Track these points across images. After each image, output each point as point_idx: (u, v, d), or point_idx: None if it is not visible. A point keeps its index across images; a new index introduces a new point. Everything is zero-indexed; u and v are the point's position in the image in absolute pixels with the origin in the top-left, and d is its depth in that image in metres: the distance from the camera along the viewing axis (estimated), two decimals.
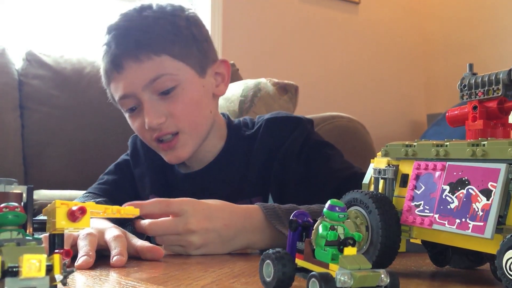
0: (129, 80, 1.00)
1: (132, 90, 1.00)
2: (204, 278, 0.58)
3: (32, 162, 1.63)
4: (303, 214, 0.52)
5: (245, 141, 1.08)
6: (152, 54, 0.99)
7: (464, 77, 0.60)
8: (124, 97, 1.01)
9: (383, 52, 3.14)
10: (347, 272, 0.41)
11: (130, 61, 0.99)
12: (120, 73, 1.00)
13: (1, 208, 0.38)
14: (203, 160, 1.08)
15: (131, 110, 1.03)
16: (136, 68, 0.99)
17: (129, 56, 0.99)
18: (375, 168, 0.62)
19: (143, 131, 1.03)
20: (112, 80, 1.03)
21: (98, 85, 1.76)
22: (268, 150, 1.06)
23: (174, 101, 1.00)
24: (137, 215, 0.49)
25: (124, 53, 0.99)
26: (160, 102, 1.00)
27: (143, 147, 1.13)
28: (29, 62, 1.70)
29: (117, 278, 0.58)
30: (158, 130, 1.00)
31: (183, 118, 1.01)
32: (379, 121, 2.95)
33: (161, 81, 0.99)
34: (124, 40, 1.00)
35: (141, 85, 0.99)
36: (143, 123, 1.00)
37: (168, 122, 1.00)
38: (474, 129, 0.58)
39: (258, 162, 1.05)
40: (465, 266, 0.67)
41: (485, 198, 0.49)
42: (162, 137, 1.01)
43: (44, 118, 1.65)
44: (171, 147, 1.02)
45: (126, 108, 1.03)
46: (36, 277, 0.34)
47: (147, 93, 0.99)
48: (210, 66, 1.07)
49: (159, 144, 1.02)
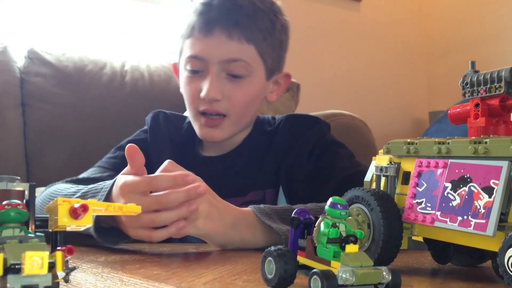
0: (211, 47, 1.02)
1: (208, 57, 1.02)
2: (206, 275, 0.58)
3: (34, 159, 1.64)
4: (304, 212, 0.52)
5: (265, 136, 1.12)
6: (244, 38, 1.03)
7: (466, 75, 0.60)
8: (196, 58, 1.03)
9: (385, 50, 3.13)
10: (349, 269, 0.41)
11: (222, 33, 1.02)
12: (207, 37, 1.02)
13: (4, 206, 0.38)
14: (225, 148, 1.11)
15: (193, 72, 1.05)
16: (224, 42, 1.02)
17: (224, 29, 1.02)
18: (377, 166, 0.62)
19: (194, 98, 1.05)
20: (193, 37, 1.04)
21: (100, 83, 1.76)
22: (285, 145, 1.09)
23: (237, 87, 1.03)
24: (139, 212, 0.49)
25: (221, 23, 1.02)
26: (225, 81, 1.03)
27: (166, 124, 1.15)
28: (31, 60, 1.70)
29: (119, 275, 0.58)
30: (209, 105, 1.02)
31: (237, 106, 1.04)
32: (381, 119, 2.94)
33: (237, 65, 1.02)
34: (227, 12, 1.03)
35: (219, 58, 1.02)
36: (198, 90, 1.03)
37: (223, 102, 1.03)
38: (476, 127, 0.58)
39: (274, 156, 1.09)
40: (467, 263, 0.67)
41: (487, 196, 0.49)
42: (209, 112, 1.03)
43: (46, 115, 1.65)
44: (212, 124, 1.04)
45: (190, 67, 1.05)
46: (39, 274, 0.34)
47: (219, 67, 1.02)
48: (276, 74, 1.12)
49: (202, 116, 1.04)
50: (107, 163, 1.11)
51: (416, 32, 3.31)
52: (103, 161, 1.12)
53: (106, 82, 1.73)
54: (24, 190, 0.42)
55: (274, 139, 1.11)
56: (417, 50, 3.31)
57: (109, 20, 2.26)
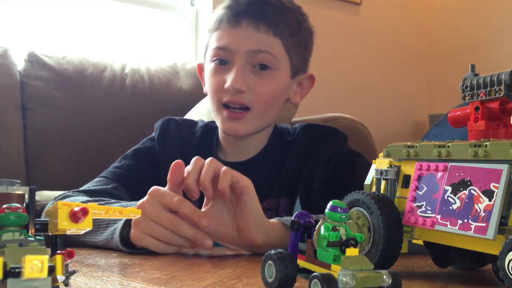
0: (238, 38, 1.03)
1: (235, 48, 1.03)
2: (206, 279, 0.58)
3: (34, 163, 1.64)
4: (305, 215, 0.52)
5: (284, 146, 1.12)
6: (271, 31, 1.04)
7: (466, 78, 0.60)
8: (223, 49, 1.04)
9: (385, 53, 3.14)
10: (349, 273, 0.41)
11: (249, 24, 1.03)
12: (234, 28, 1.03)
13: (3, 209, 0.38)
14: (243, 154, 1.11)
15: (220, 62, 1.05)
16: (251, 34, 1.03)
17: (251, 21, 1.03)
18: (377, 169, 0.62)
19: (218, 89, 1.04)
20: (220, 29, 1.05)
21: (100, 86, 1.76)
22: (302, 155, 1.09)
23: (262, 80, 1.04)
24: (139, 215, 0.49)
25: (249, 15, 1.03)
26: (250, 74, 1.03)
27: (178, 129, 1.15)
28: (31, 63, 1.70)
29: (119, 279, 0.58)
30: (233, 96, 1.02)
31: (261, 99, 1.04)
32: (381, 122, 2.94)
33: (264, 56, 1.03)
34: (255, 6, 1.05)
35: (245, 49, 1.02)
36: (223, 81, 1.03)
37: (246, 94, 1.02)
38: (476, 130, 0.58)
39: (291, 166, 1.09)
40: (467, 267, 0.67)
41: (487, 199, 0.49)
42: (232, 104, 1.03)
43: (46, 119, 1.66)
44: (235, 117, 1.04)
45: (216, 57, 1.05)
46: (38, 278, 0.34)
47: (245, 59, 1.03)
48: (301, 75, 1.12)
49: (225, 109, 1.04)
50: (112, 173, 1.10)
51: (416, 35, 3.31)
52: (108, 171, 1.11)
53: (106, 85, 1.73)
54: (24, 194, 0.42)
55: (292, 148, 1.10)
56: (417, 53, 3.32)
57: (109, 23, 2.26)
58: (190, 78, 1.87)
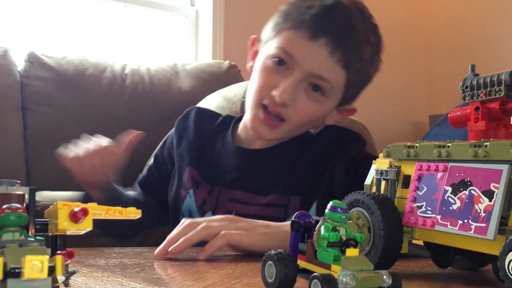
0: (309, 54, 0.98)
1: (301, 62, 0.98)
2: (206, 279, 0.58)
3: (34, 163, 1.64)
4: (305, 215, 0.52)
5: (302, 141, 1.09)
6: (342, 63, 0.98)
7: (466, 78, 0.60)
8: (289, 55, 0.99)
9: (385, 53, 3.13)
10: (349, 273, 0.41)
11: (327, 45, 0.97)
12: (309, 41, 0.97)
13: (4, 209, 0.38)
14: (260, 143, 1.09)
15: (279, 62, 1.00)
16: (323, 57, 0.97)
17: (330, 42, 0.97)
18: (377, 169, 0.62)
19: (264, 89, 1.01)
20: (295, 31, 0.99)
21: (100, 86, 1.76)
22: (319, 156, 1.06)
23: (310, 102, 1.00)
24: (139, 216, 0.49)
25: (330, 36, 0.97)
26: (301, 90, 0.99)
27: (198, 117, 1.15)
28: (31, 63, 1.70)
29: (119, 279, 0.58)
30: (276, 105, 0.99)
31: (300, 117, 1.01)
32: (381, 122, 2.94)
33: (323, 83, 0.99)
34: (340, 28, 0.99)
35: (310, 69, 0.98)
36: (273, 84, 0.99)
37: (289, 108, 1.00)
38: (476, 130, 0.58)
39: (307, 164, 1.06)
40: (467, 267, 0.67)
41: (487, 199, 0.49)
42: (271, 110, 1.00)
43: (46, 119, 1.66)
44: (268, 123, 1.01)
45: (278, 56, 1.00)
46: (38, 278, 0.34)
47: (304, 76, 0.98)
48: (346, 105, 1.09)
49: (262, 110, 1.01)
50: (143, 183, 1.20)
51: (416, 36, 3.31)
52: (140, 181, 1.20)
53: (107, 86, 1.73)
54: (24, 194, 0.42)
55: (310, 146, 1.08)
56: (417, 54, 3.32)
57: (110, 24, 2.26)
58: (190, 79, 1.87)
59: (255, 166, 1.07)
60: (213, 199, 1.05)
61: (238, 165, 1.07)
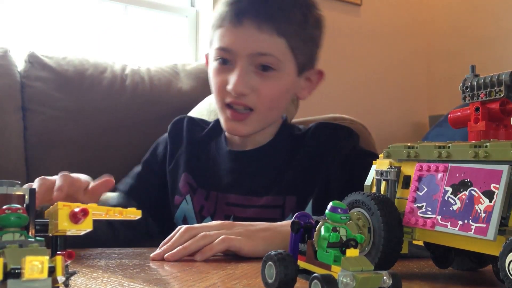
0: (240, 39, 1.00)
1: (237, 50, 1.00)
2: (206, 280, 0.58)
3: (34, 163, 1.63)
4: (305, 216, 0.52)
5: (293, 140, 1.10)
6: (275, 32, 1.00)
7: (466, 79, 0.60)
8: (225, 50, 1.02)
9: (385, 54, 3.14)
10: (350, 273, 0.41)
11: (252, 25, 0.99)
12: (237, 28, 1.00)
13: (4, 210, 0.38)
14: (252, 144, 1.09)
15: (223, 61, 1.03)
16: (253, 34, 0.99)
17: (254, 22, 0.99)
18: (377, 170, 0.62)
19: (221, 90, 1.03)
20: (222, 27, 1.02)
21: (100, 87, 1.76)
22: (312, 154, 1.06)
23: (265, 81, 1.01)
24: (139, 216, 0.49)
25: (251, 14, 1.00)
26: (252, 75, 1.01)
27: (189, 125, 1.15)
28: (31, 64, 1.70)
29: (119, 280, 0.58)
30: (236, 98, 1.01)
31: (265, 100, 1.02)
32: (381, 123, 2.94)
33: (266, 59, 1.00)
34: (258, 3, 1.01)
35: (248, 51, 1.00)
36: (225, 82, 1.01)
37: (250, 96, 1.01)
38: (476, 131, 0.58)
39: (300, 162, 1.06)
40: (467, 267, 0.67)
41: (487, 200, 0.49)
42: (235, 105, 1.01)
43: (46, 119, 1.65)
44: (238, 118, 1.03)
45: (219, 57, 1.03)
46: (39, 279, 0.34)
47: (248, 60, 1.00)
48: (308, 70, 1.09)
49: (228, 109, 1.03)
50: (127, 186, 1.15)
51: (416, 36, 3.31)
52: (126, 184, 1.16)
53: (107, 86, 1.73)
54: (24, 195, 0.42)
55: (302, 144, 1.08)
56: (417, 54, 3.32)
57: (110, 24, 2.26)
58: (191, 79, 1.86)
59: (248, 167, 1.08)
60: (210, 204, 1.05)
61: (232, 168, 1.08)
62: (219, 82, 1.03)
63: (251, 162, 1.08)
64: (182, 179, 1.10)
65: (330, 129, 1.11)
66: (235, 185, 1.06)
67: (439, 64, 3.28)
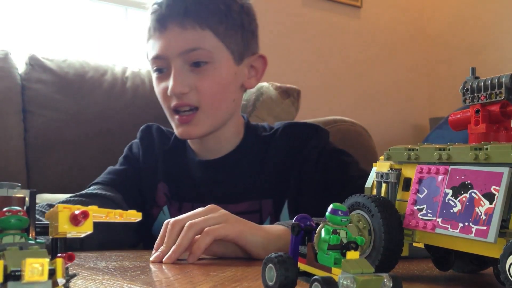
0: (167, 42, 1.01)
1: (167, 54, 1.01)
2: (206, 282, 0.58)
3: (35, 166, 1.64)
4: (305, 218, 0.52)
5: (261, 142, 1.09)
6: (197, 25, 1.01)
7: (466, 81, 0.60)
8: (157, 57, 1.03)
9: (385, 56, 3.14)
10: (350, 276, 0.41)
11: (175, 25, 1.01)
12: (162, 33, 1.02)
13: (4, 212, 0.38)
14: (220, 151, 1.09)
15: (159, 71, 1.04)
16: (178, 34, 1.01)
17: (175, 21, 1.01)
18: (378, 172, 0.62)
19: (164, 96, 1.04)
20: (152, 38, 1.04)
21: (101, 90, 1.76)
22: (284, 154, 1.06)
23: (202, 76, 1.01)
24: (140, 219, 0.49)
25: (171, 16, 1.01)
26: (189, 73, 1.01)
27: (159, 133, 1.14)
28: (32, 66, 1.70)
29: (119, 282, 0.58)
30: (179, 99, 1.01)
31: (207, 95, 1.02)
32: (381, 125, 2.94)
33: (196, 53, 1.01)
34: (175, 4, 1.02)
35: (177, 51, 1.01)
36: (166, 88, 1.02)
37: (191, 94, 1.01)
38: (476, 133, 0.58)
39: (272, 165, 1.06)
40: (468, 270, 0.67)
41: (488, 202, 0.49)
42: (180, 107, 1.02)
43: (47, 122, 1.66)
44: (186, 121, 1.03)
45: (155, 67, 1.04)
46: (39, 281, 0.34)
47: (180, 60, 1.01)
48: (248, 57, 1.08)
49: (175, 115, 1.03)
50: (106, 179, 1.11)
51: (416, 38, 3.31)
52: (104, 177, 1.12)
53: (107, 89, 1.73)
54: (24, 197, 0.42)
55: (271, 146, 1.07)
56: (417, 57, 3.32)
57: (110, 27, 2.26)
58: None
59: (219, 176, 1.07)
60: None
61: (203, 178, 1.07)
62: (161, 90, 1.04)
63: (221, 171, 1.08)
64: (159, 189, 1.09)
65: (297, 128, 1.11)
66: (208, 194, 1.05)
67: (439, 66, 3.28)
